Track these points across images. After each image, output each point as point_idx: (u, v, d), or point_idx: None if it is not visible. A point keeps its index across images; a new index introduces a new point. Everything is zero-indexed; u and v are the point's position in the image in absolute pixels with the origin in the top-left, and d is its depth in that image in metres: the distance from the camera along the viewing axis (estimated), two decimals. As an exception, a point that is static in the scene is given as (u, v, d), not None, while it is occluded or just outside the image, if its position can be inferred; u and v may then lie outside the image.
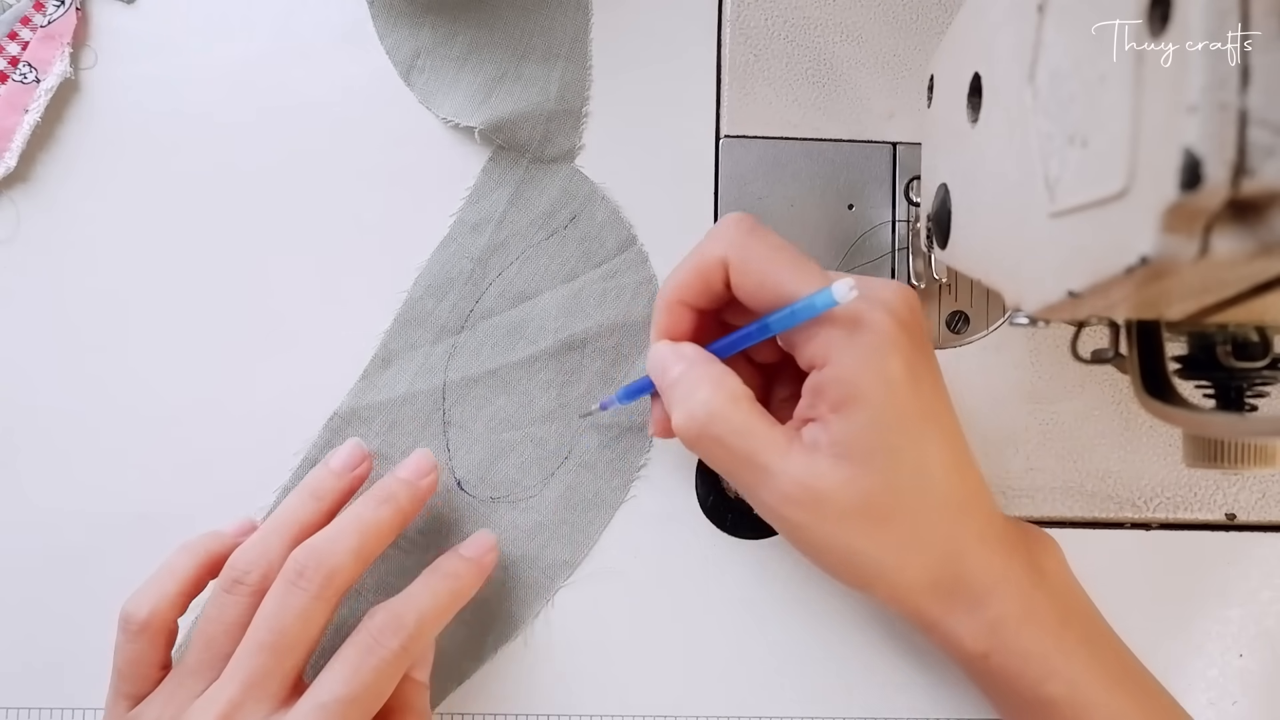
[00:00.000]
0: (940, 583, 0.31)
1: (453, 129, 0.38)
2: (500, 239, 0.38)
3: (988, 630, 0.31)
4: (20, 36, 0.37)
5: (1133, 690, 0.32)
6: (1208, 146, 0.16)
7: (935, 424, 0.30)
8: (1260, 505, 0.38)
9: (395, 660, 0.30)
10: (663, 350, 0.32)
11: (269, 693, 0.30)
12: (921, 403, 0.30)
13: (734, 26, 0.39)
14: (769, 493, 0.30)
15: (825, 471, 0.29)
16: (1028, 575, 0.32)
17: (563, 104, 0.38)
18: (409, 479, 0.34)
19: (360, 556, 0.31)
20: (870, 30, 0.39)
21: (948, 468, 0.30)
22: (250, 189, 0.38)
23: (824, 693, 0.37)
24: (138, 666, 0.32)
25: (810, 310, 0.29)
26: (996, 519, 0.32)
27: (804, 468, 0.29)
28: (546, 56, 0.39)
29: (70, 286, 0.38)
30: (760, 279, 0.30)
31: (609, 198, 0.38)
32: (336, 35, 0.39)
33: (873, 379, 0.29)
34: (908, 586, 0.31)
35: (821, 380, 0.30)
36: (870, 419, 0.29)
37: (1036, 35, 0.22)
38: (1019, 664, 0.31)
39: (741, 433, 0.30)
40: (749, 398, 0.31)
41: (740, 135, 0.39)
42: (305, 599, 0.30)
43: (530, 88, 0.38)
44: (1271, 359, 0.25)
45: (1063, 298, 0.21)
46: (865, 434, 0.29)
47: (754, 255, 0.31)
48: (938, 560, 0.31)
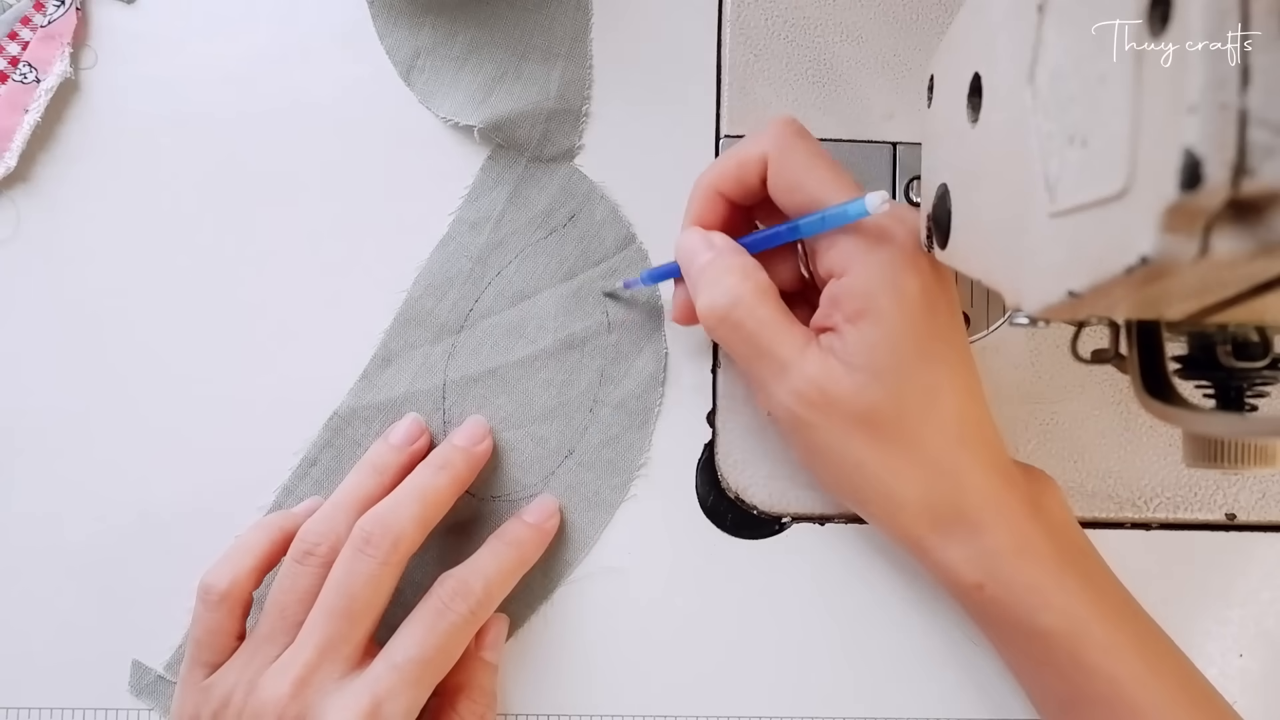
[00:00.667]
0: (937, 506, 0.31)
1: (452, 128, 0.38)
2: (499, 237, 0.38)
3: (983, 561, 0.31)
4: (20, 36, 0.37)
5: (1130, 627, 0.32)
6: (1208, 146, 0.16)
7: (949, 347, 0.31)
8: (1260, 505, 0.38)
9: (464, 624, 0.32)
10: (693, 236, 0.33)
11: (343, 655, 0.31)
12: (936, 326, 0.30)
13: (734, 26, 0.39)
14: (783, 387, 0.31)
15: (839, 376, 0.30)
16: (1027, 509, 0.32)
17: (562, 103, 0.38)
18: (464, 445, 0.35)
19: (422, 522, 0.33)
20: (870, 30, 0.39)
21: (955, 394, 0.31)
22: (250, 189, 0.38)
23: (824, 692, 0.37)
24: (216, 636, 0.33)
25: (842, 217, 0.30)
26: (999, 452, 0.32)
27: (819, 368, 0.30)
28: (546, 56, 0.39)
29: (70, 286, 0.38)
30: (796, 180, 0.31)
31: (608, 196, 0.39)
32: (336, 35, 0.39)
33: (890, 294, 0.29)
34: (904, 506, 0.32)
35: (840, 290, 0.30)
36: (884, 334, 0.30)
37: (1036, 35, 0.22)
38: (1014, 595, 0.31)
39: (765, 322, 0.31)
40: (774, 292, 0.31)
41: (740, 135, 0.39)
42: (373, 565, 0.31)
43: (530, 87, 0.38)
44: (1271, 359, 0.25)
45: (1063, 298, 0.21)
46: (878, 349, 0.30)
47: (794, 157, 0.31)
48: (937, 482, 0.31)
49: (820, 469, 0.33)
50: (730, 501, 0.38)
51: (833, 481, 0.33)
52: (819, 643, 0.37)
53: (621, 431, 0.38)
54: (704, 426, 0.38)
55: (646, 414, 0.38)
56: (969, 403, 0.31)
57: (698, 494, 0.38)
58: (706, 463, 0.38)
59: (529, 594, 0.37)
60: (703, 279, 0.32)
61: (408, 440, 0.35)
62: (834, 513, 0.38)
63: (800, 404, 0.31)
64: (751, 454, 0.38)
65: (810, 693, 0.37)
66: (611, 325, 0.38)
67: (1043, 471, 0.35)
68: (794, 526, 0.38)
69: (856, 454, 0.31)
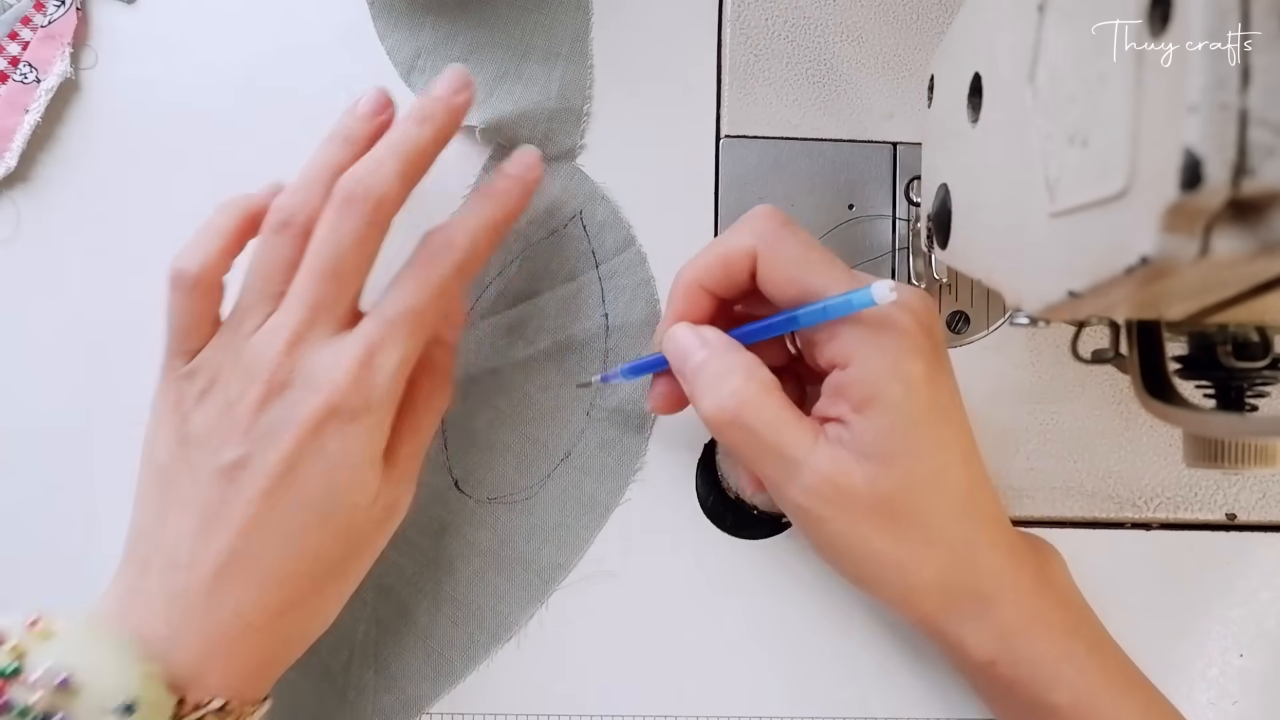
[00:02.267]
0: (951, 586, 0.31)
1: (453, 129, 0.38)
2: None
3: (996, 637, 0.31)
4: (20, 36, 0.37)
5: (1138, 700, 0.32)
6: (1208, 146, 0.16)
7: (953, 428, 0.31)
8: (1260, 505, 0.38)
9: (452, 275, 0.31)
10: (685, 333, 0.32)
11: (335, 317, 0.30)
12: (941, 406, 0.30)
13: (734, 26, 0.39)
14: (794, 485, 0.30)
15: (851, 468, 0.29)
16: (1035, 582, 0.32)
17: (564, 103, 0.38)
18: (444, 95, 0.33)
19: (405, 177, 0.31)
20: (870, 30, 0.39)
21: (963, 472, 0.31)
22: (250, 189, 0.38)
23: (823, 693, 0.37)
24: (194, 320, 0.32)
25: (845, 308, 0.29)
26: (1006, 526, 0.32)
27: (830, 462, 0.29)
28: (547, 56, 0.39)
29: (70, 286, 0.38)
30: (790, 274, 0.30)
31: (609, 197, 0.38)
32: (336, 35, 0.39)
33: (896, 381, 0.29)
34: (919, 588, 0.31)
35: (844, 380, 0.30)
36: (893, 421, 0.29)
37: (1036, 35, 0.22)
38: (1026, 672, 0.31)
39: (773, 424, 0.30)
40: (779, 388, 0.31)
41: (740, 135, 0.39)
42: (358, 223, 0.30)
43: (531, 87, 0.38)
44: (1271, 359, 0.25)
45: (1063, 298, 0.21)
46: (888, 435, 0.29)
47: (785, 250, 0.31)
48: (951, 562, 0.31)
49: (835, 558, 0.32)
50: (730, 501, 0.38)
51: (848, 568, 0.32)
52: (818, 643, 0.37)
53: (618, 436, 0.38)
54: (704, 426, 0.38)
55: (643, 419, 0.38)
56: (975, 479, 0.31)
57: (698, 494, 0.38)
58: (706, 463, 0.38)
59: (525, 595, 0.37)
60: (701, 379, 0.31)
61: (375, 110, 0.33)
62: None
63: (814, 500, 0.30)
64: (751, 454, 0.38)
65: (810, 693, 0.37)
66: (610, 329, 0.38)
67: (1045, 540, 0.35)
68: (794, 526, 0.38)
69: (872, 543, 0.30)
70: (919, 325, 0.30)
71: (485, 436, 0.37)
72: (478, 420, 0.37)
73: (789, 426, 0.30)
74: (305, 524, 0.29)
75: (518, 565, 0.37)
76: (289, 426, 0.29)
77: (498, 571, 0.37)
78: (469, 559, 0.37)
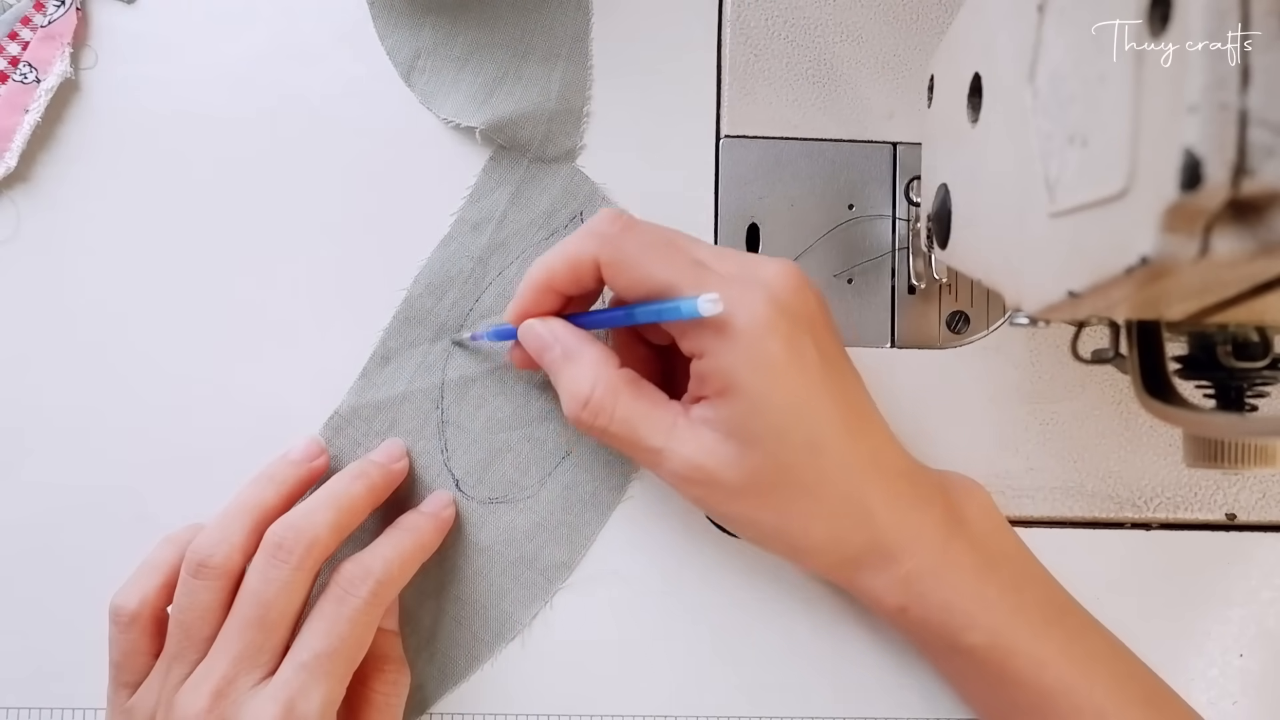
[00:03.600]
0: (847, 545, 0.32)
1: (453, 129, 0.38)
2: (500, 238, 0.38)
3: (902, 585, 0.32)
4: (20, 36, 0.37)
5: (1057, 633, 0.32)
6: (1208, 146, 0.16)
7: (826, 396, 0.30)
8: (1260, 505, 0.38)
9: (366, 609, 0.31)
10: (537, 327, 0.33)
11: (259, 664, 0.31)
12: (807, 379, 0.30)
13: (734, 26, 0.39)
14: (665, 472, 0.31)
15: (713, 448, 0.30)
16: (944, 526, 0.32)
17: (564, 104, 0.38)
18: (382, 462, 0.35)
19: (337, 528, 0.32)
20: (870, 30, 0.39)
21: (843, 436, 0.31)
22: (250, 189, 0.38)
23: (823, 693, 0.37)
24: (132, 657, 0.33)
25: (676, 313, 0.29)
26: (908, 474, 0.33)
27: (693, 446, 0.30)
28: (547, 57, 0.39)
29: (70, 286, 0.38)
30: (633, 277, 0.31)
31: (610, 198, 0.39)
32: (336, 35, 0.39)
33: (750, 369, 0.29)
34: (813, 552, 0.32)
35: (702, 369, 0.30)
36: (752, 405, 0.30)
37: (1036, 35, 0.22)
38: (937, 616, 0.32)
39: (627, 420, 0.31)
40: (630, 380, 0.31)
41: (740, 135, 0.39)
42: (287, 571, 0.31)
43: (531, 88, 0.38)
44: (1271, 359, 0.25)
45: (1063, 298, 0.21)
46: (749, 419, 0.30)
47: (625, 255, 0.31)
48: (841, 524, 0.31)
49: (731, 528, 0.33)
50: (730, 501, 0.38)
51: (746, 537, 0.34)
52: (818, 643, 0.37)
53: None
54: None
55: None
56: (861, 439, 0.31)
57: (698, 494, 0.38)
58: (706, 463, 0.38)
59: (528, 594, 0.37)
60: (559, 381, 0.32)
61: (307, 457, 0.35)
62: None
63: (684, 485, 0.31)
64: (751, 454, 0.38)
65: (809, 693, 0.37)
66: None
67: (966, 478, 0.35)
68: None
69: (754, 516, 0.31)
70: (775, 306, 0.30)
71: (485, 437, 0.37)
72: (477, 420, 0.37)
73: (643, 419, 0.31)
74: None
75: (520, 564, 0.37)
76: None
77: (501, 571, 0.37)
78: (471, 558, 0.37)
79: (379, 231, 0.38)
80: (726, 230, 0.39)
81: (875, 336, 0.38)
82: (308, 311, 0.38)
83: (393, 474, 0.35)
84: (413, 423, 0.37)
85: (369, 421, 0.37)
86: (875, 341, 0.38)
